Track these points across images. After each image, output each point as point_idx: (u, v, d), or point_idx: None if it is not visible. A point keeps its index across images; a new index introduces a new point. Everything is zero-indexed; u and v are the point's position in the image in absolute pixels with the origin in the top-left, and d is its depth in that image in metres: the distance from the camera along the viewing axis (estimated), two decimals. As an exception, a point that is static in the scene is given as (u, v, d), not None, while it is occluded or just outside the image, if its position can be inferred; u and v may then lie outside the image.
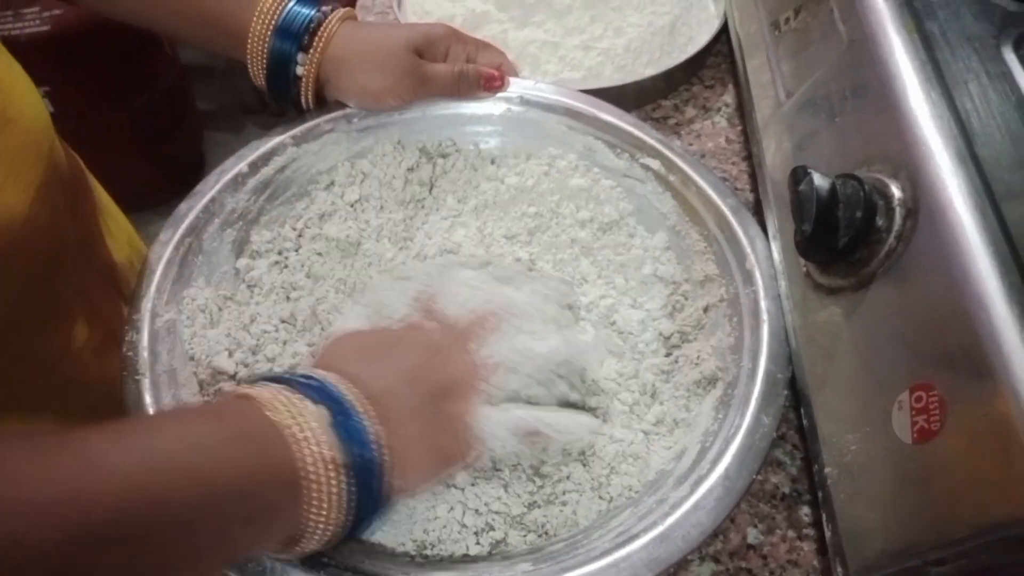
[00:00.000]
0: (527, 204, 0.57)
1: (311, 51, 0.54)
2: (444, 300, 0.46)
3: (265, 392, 0.35)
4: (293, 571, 0.37)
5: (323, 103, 0.59)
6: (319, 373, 0.37)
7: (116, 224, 0.63)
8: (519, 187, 0.57)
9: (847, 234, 0.39)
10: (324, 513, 0.34)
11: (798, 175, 0.41)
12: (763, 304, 0.47)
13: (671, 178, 0.54)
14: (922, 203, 0.37)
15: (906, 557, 0.34)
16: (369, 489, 0.35)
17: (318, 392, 0.36)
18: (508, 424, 0.41)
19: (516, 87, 0.59)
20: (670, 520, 0.38)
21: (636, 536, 0.38)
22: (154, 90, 1.57)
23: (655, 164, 0.55)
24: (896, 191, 0.38)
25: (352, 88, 0.57)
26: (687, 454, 0.43)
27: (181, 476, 0.30)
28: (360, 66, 0.56)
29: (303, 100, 0.57)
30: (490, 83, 0.58)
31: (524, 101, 0.59)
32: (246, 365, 0.48)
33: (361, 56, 0.56)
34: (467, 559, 0.40)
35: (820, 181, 0.40)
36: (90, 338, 0.53)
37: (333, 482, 0.34)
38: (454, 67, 0.57)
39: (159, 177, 1.57)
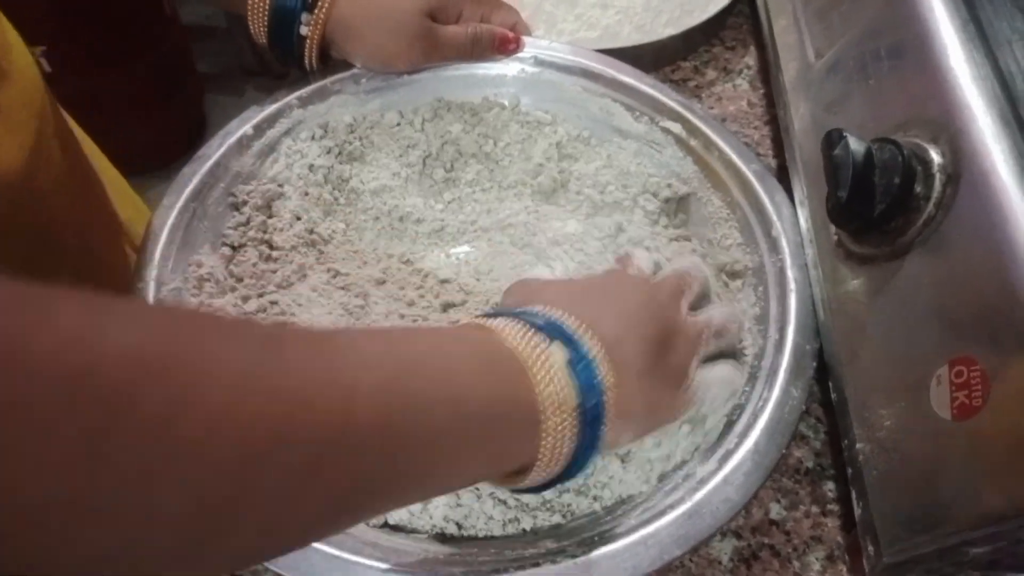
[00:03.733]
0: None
1: (316, 10, 0.52)
2: (635, 259, 0.44)
3: (502, 323, 0.34)
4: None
5: (327, 62, 0.56)
6: (554, 312, 0.35)
7: (113, 182, 0.62)
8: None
9: (883, 201, 0.38)
10: (554, 451, 0.33)
11: (832, 139, 0.39)
12: (790, 273, 0.45)
13: (692, 142, 0.52)
14: (963, 169, 0.35)
15: (942, 536, 0.33)
16: (592, 436, 0.34)
17: (552, 330, 0.34)
18: (725, 381, 0.40)
19: (530, 47, 0.57)
20: (698, 496, 0.37)
21: (663, 512, 0.37)
22: (154, 51, 1.54)
23: (676, 127, 0.53)
24: (935, 156, 0.37)
25: (361, 52, 0.55)
26: (713, 429, 0.42)
27: (435, 387, 0.29)
28: (370, 30, 0.53)
29: (306, 61, 0.55)
30: (504, 45, 0.56)
31: (539, 62, 0.57)
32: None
33: (371, 19, 0.53)
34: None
35: (856, 145, 0.38)
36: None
37: (567, 422, 0.32)
38: (467, 29, 0.55)
39: (160, 140, 1.55)
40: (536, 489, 0.35)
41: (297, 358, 0.25)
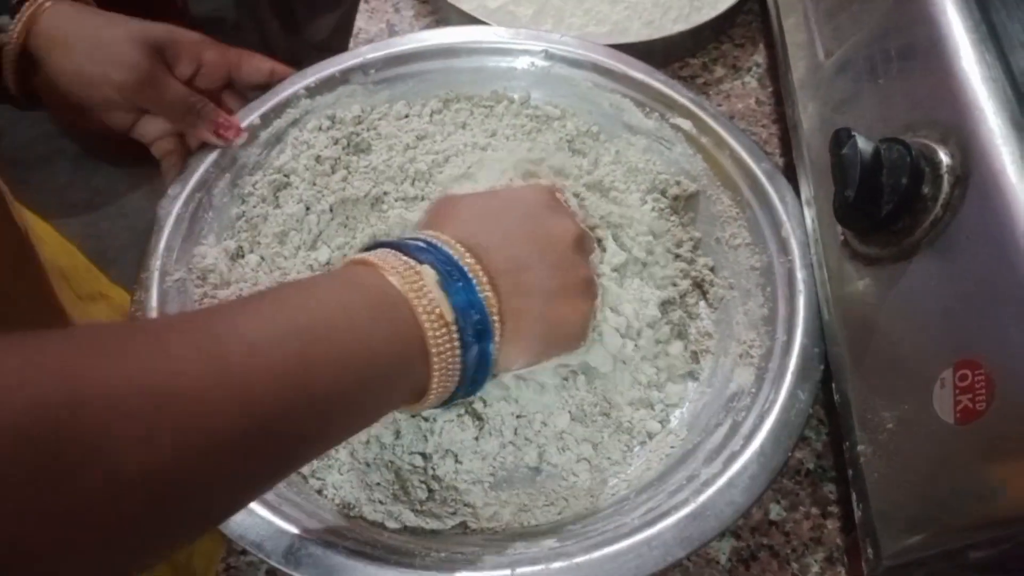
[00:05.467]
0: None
1: (16, 16, 0.47)
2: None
3: (383, 256, 0.35)
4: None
5: (36, 93, 0.51)
6: (439, 236, 0.37)
7: (39, 238, 0.55)
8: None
9: (891, 201, 0.37)
10: (443, 368, 0.34)
11: (841, 138, 0.39)
12: (799, 274, 0.45)
13: (703, 140, 0.52)
14: (972, 171, 0.35)
15: (943, 540, 0.33)
16: (483, 353, 0.36)
17: (431, 252, 0.36)
18: (618, 328, 0.43)
19: (542, 41, 0.57)
20: (702, 498, 0.37)
21: (667, 513, 0.37)
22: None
23: (686, 125, 0.53)
24: (944, 158, 0.36)
25: (67, 68, 0.49)
26: (719, 429, 0.42)
27: (333, 354, 0.30)
28: (80, 48, 0.48)
29: (5, 78, 0.49)
30: (221, 132, 0.51)
31: (549, 56, 0.56)
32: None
33: (82, 37, 0.49)
34: (492, 532, 0.39)
35: (864, 145, 0.38)
36: None
37: (446, 337, 0.34)
38: (190, 97, 0.51)
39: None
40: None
41: (184, 357, 0.26)
